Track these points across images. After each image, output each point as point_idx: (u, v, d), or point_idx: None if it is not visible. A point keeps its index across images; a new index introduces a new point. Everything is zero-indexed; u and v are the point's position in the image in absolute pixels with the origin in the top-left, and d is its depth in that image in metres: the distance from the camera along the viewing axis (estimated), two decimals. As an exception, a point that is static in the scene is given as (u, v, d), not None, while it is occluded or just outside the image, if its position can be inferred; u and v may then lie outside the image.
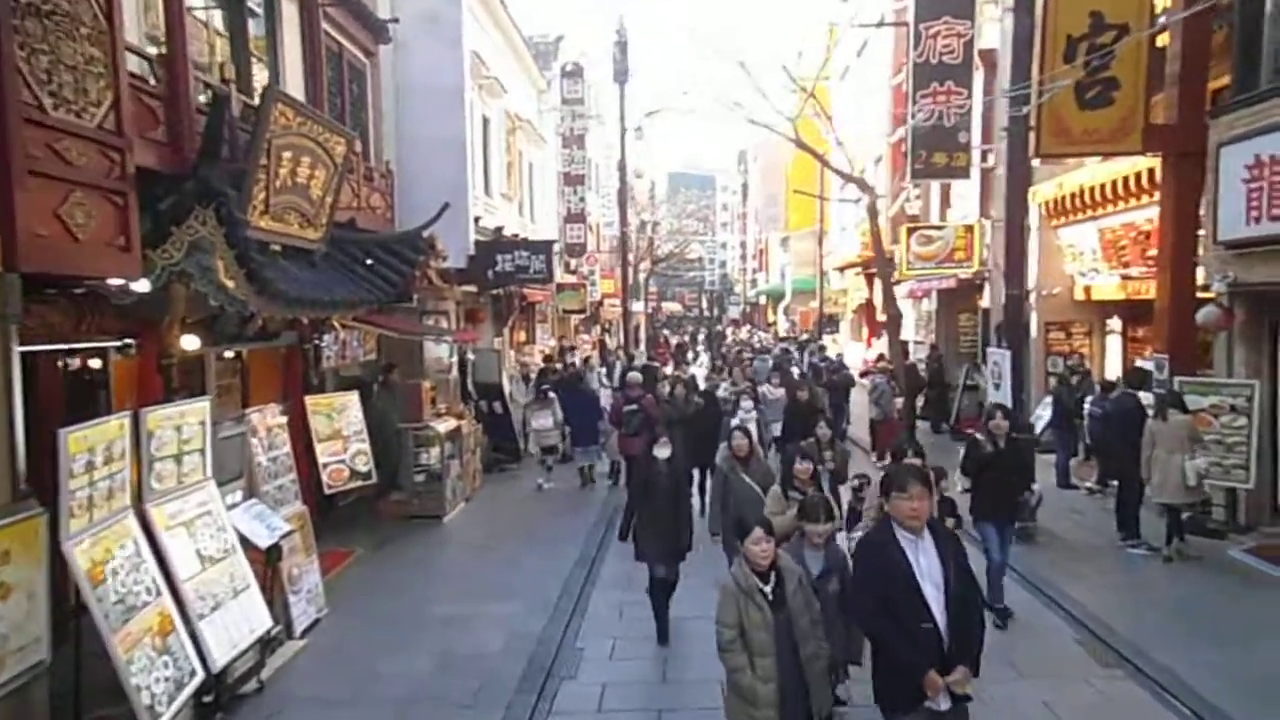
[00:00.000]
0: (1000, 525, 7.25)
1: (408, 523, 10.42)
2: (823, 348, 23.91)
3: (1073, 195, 13.57)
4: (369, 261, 9.60)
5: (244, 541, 6.27)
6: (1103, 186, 12.60)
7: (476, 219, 14.47)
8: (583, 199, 23.82)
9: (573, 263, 26.81)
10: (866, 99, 22.72)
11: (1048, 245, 15.01)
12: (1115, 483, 11.09)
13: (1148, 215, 11.88)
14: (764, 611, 4.13)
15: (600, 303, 33.38)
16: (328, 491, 9.38)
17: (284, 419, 7.66)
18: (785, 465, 6.58)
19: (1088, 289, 14.28)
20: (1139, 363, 11.88)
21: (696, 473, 10.27)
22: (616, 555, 9.20)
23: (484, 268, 14.12)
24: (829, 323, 35.33)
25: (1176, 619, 7.17)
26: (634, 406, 11.12)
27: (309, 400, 9.48)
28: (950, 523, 6.15)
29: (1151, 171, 11.19)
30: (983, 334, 16.18)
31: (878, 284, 23.83)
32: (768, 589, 4.21)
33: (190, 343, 6.99)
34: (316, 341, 9.94)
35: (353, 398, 9.98)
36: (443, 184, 13.48)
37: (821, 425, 8.09)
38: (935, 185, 18.77)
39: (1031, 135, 9.98)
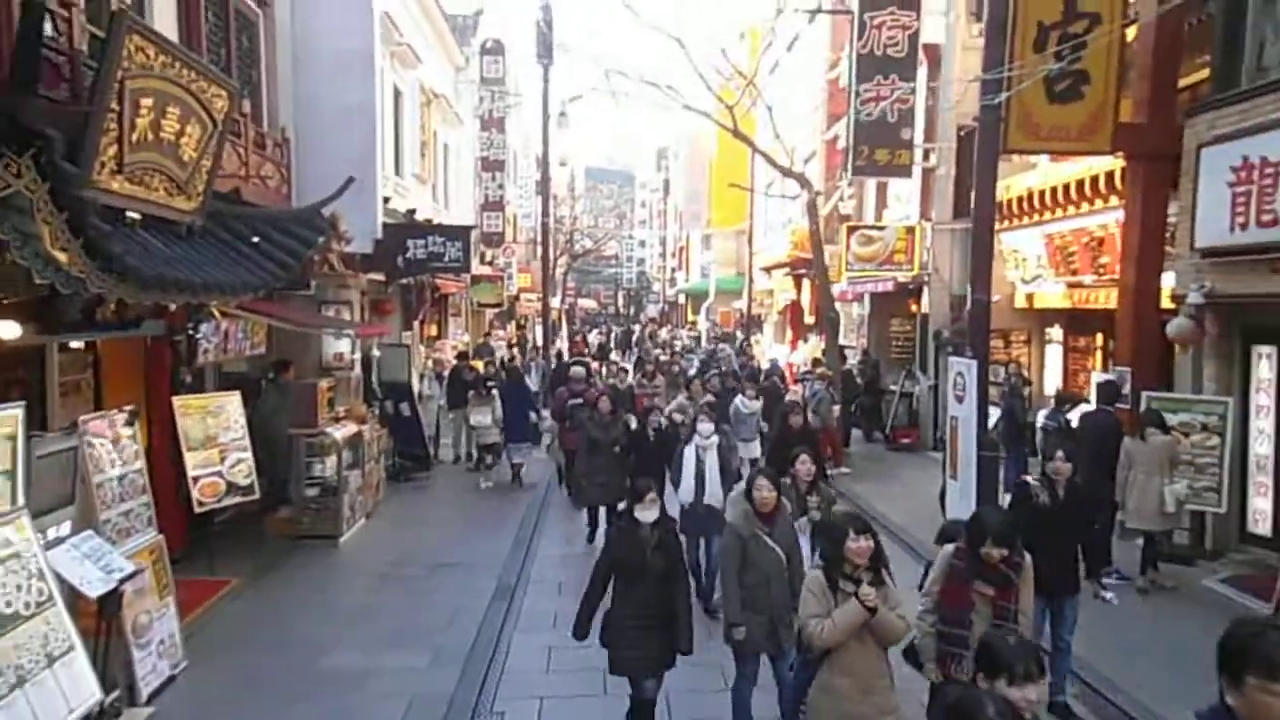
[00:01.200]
0: (1063, 600, 5.67)
1: (297, 545, 9.00)
2: (744, 349, 23.05)
3: (1020, 199, 13.05)
4: (255, 240, 8.15)
5: (70, 588, 4.86)
6: (1054, 190, 12.08)
7: (385, 200, 13.03)
8: (501, 186, 22.46)
9: (489, 254, 25.38)
10: (798, 94, 22.05)
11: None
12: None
13: (1101, 221, 11.40)
14: None
15: (517, 297, 31.98)
16: (198, 510, 7.94)
17: (134, 427, 6.18)
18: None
19: (1030, 296, 13.83)
20: (1099, 376, 11.37)
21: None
22: (540, 587, 8.04)
23: (393, 254, 12.70)
24: (750, 322, 34.81)
25: (1170, 666, 6.46)
26: (578, 400, 10.73)
27: (178, 401, 8.02)
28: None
29: (1110, 175, 10.67)
30: (920, 339, 15.63)
31: (806, 285, 23.26)
32: None
33: (8, 330, 5.51)
34: (190, 332, 8.41)
35: (232, 399, 8.54)
36: (347, 159, 11.99)
37: (803, 459, 6.14)
38: (871, 185, 18.19)
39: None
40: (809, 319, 23.53)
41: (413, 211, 14.52)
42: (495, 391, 12.42)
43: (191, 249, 7.55)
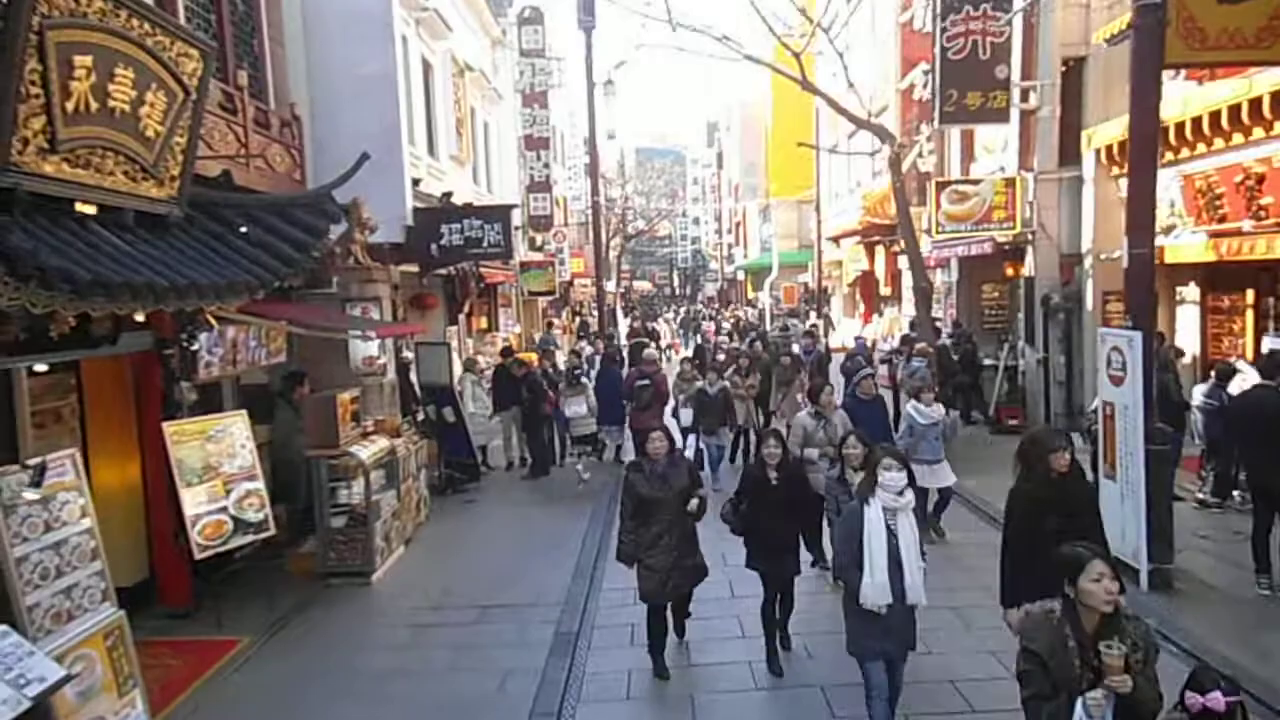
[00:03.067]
0: None
1: (323, 586, 7.72)
2: (811, 332, 19.83)
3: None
4: (244, 230, 6.81)
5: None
6: (1196, 121, 10.12)
7: (416, 182, 11.66)
8: (547, 166, 21.00)
9: (539, 238, 24.04)
10: (862, 43, 20.06)
11: (1105, 200, 12.54)
12: (1240, 496, 8.77)
13: (1263, 153, 9.43)
14: None
15: (570, 283, 30.65)
16: (199, 556, 6.68)
17: (76, 474, 4.85)
18: None
19: (1160, 251, 11.80)
20: (1274, 341, 9.44)
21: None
22: (608, 635, 6.60)
23: (426, 241, 11.33)
24: (811, 299, 32.80)
25: None
26: (645, 381, 11.47)
27: (169, 428, 6.76)
28: None
29: (1277, 95, 8.71)
30: (1026, 307, 13.72)
31: (880, 253, 21.38)
32: None
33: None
34: (185, 344, 7.13)
35: (236, 420, 7.26)
36: (369, 138, 10.61)
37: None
38: (955, 136, 16.23)
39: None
40: (885, 290, 21.68)
41: (449, 195, 13.14)
42: (585, 380, 12.44)
43: (168, 246, 6.24)
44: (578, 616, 6.88)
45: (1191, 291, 12.14)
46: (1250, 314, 11.24)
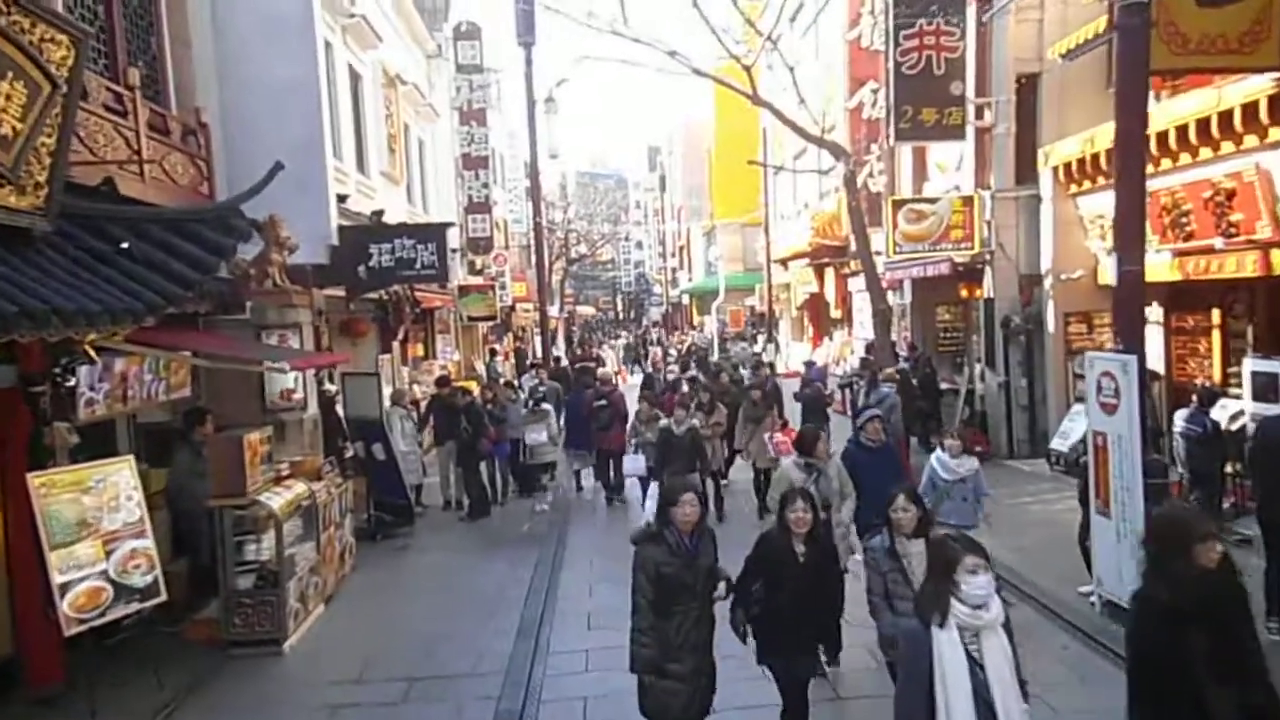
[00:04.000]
0: None
1: (225, 659, 6.68)
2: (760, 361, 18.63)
3: (1108, 152, 10.74)
4: (124, 246, 5.85)
5: None
6: (1161, 136, 9.76)
7: (342, 199, 10.74)
8: (486, 185, 20.15)
9: (478, 261, 23.10)
10: (809, 63, 19.74)
11: (1063, 219, 12.26)
12: (1248, 533, 8.28)
13: (1233, 168, 9.10)
14: None
15: (512, 308, 29.68)
16: (69, 631, 5.64)
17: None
18: None
19: (1122, 270, 11.49)
20: (1251, 364, 9.05)
21: None
22: (558, 710, 5.73)
23: (353, 263, 10.40)
24: (759, 322, 32.42)
25: None
26: (603, 402, 11.68)
27: (35, 480, 5.72)
28: None
29: (1252, 106, 8.38)
30: (986, 329, 13.30)
31: (830, 276, 21.00)
32: None
33: None
34: (60, 379, 6.10)
35: (122, 467, 6.26)
36: (290, 150, 9.67)
37: (903, 503, 4.51)
38: (906, 155, 15.88)
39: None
40: (835, 313, 21.28)
41: (380, 214, 12.22)
42: (547, 406, 12.27)
43: (30, 264, 5.26)
44: (521, 690, 5.99)
45: (1155, 312, 11.81)
46: (1217, 335, 10.94)
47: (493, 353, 25.66)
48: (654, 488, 8.49)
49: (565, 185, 47.82)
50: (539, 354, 27.11)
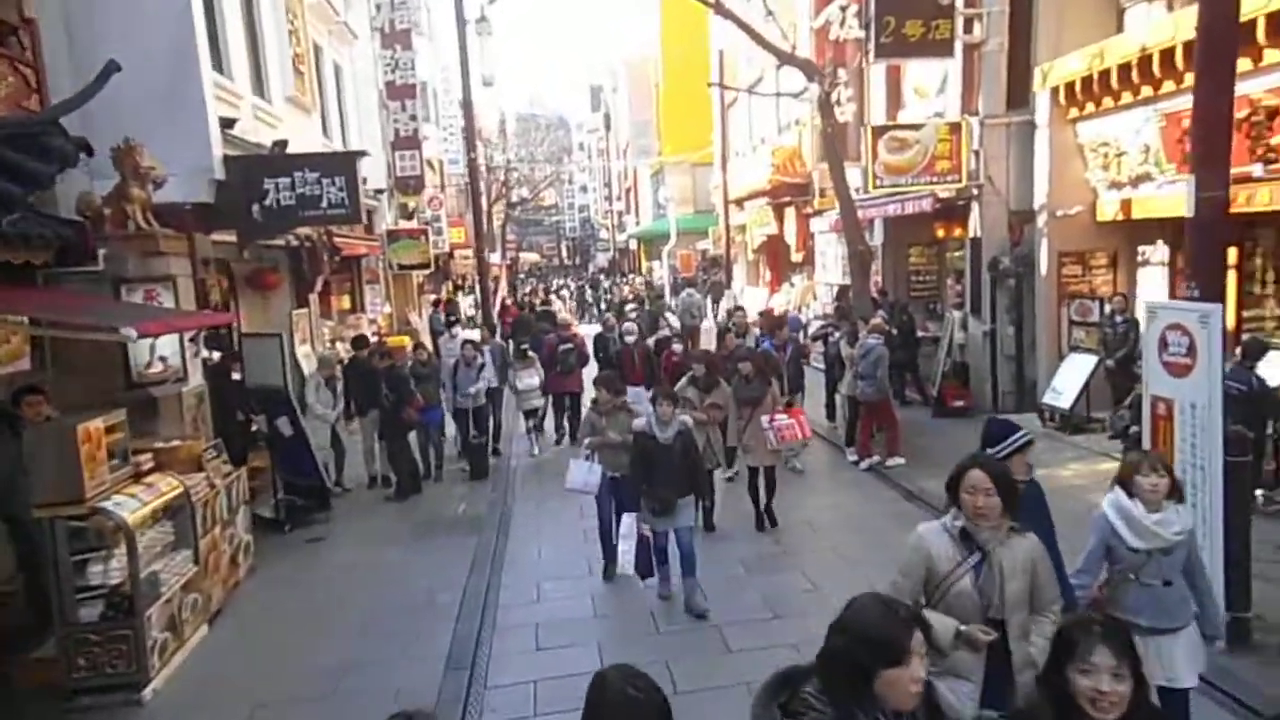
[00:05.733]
0: None
1: (63, 711, 5.17)
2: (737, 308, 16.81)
3: (1121, 68, 9.46)
4: None
5: None
6: (1189, 46, 8.49)
7: (229, 123, 8.91)
8: (414, 117, 18.17)
9: (410, 203, 21.16)
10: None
11: (1061, 147, 10.98)
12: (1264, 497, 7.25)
13: (1273, 83, 7.88)
14: None
15: (450, 255, 27.78)
16: None
17: None
18: None
19: (1126, 204, 10.31)
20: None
21: None
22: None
23: (246, 201, 8.65)
24: (712, 267, 30.97)
25: None
26: (568, 345, 11.53)
27: None
28: None
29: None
30: (972, 272, 12.08)
31: (790, 216, 19.60)
32: None
33: None
34: None
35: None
36: (154, 63, 7.96)
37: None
38: (880, 78, 14.44)
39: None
40: (796, 256, 19.94)
41: (283, 144, 10.39)
42: (533, 354, 11.65)
43: None
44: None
45: (1158, 251, 10.72)
46: (1232, 276, 9.84)
47: (436, 304, 23.86)
48: (629, 523, 6.36)
49: (504, 125, 45.31)
50: (474, 306, 25.35)
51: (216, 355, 7.81)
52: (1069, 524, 3.53)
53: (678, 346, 10.83)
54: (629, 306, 17.24)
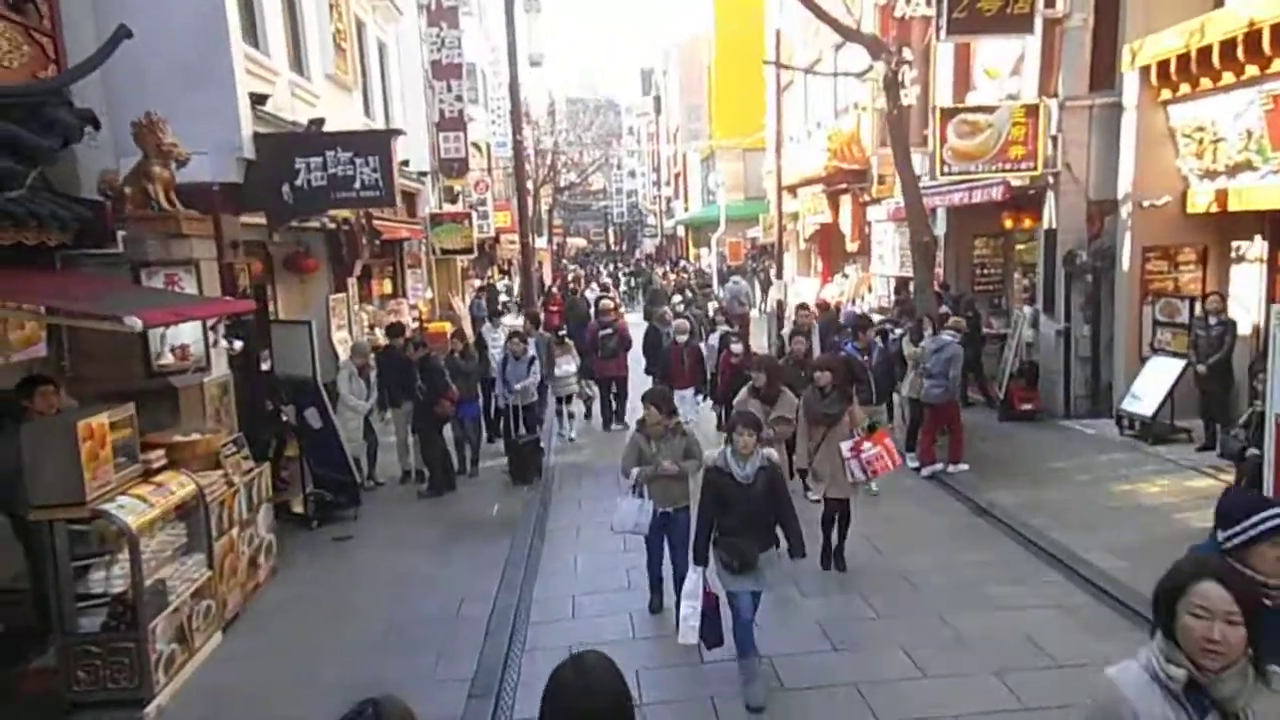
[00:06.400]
0: None
1: (62, 727, 4.83)
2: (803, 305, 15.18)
3: (1225, 45, 8.59)
4: None
5: None
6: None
7: (261, 99, 8.49)
8: (460, 98, 17.76)
9: (455, 187, 20.80)
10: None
11: (1150, 133, 10.12)
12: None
13: None
14: None
15: (496, 239, 27.44)
16: None
17: None
18: None
19: (1222, 195, 9.42)
20: None
21: None
22: None
23: (276, 182, 8.25)
24: (761, 255, 30.16)
25: None
26: (609, 330, 11.73)
27: None
28: None
29: None
30: (1046, 266, 11.27)
31: (846, 203, 18.80)
32: None
33: None
34: None
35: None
36: (181, 34, 7.59)
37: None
38: (945, 60, 13.59)
39: None
40: (851, 245, 19.13)
41: (320, 122, 10.00)
42: (570, 340, 11.86)
43: None
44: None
45: (1255, 247, 9.79)
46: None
47: (481, 289, 23.51)
48: (694, 581, 5.08)
49: (554, 109, 44.81)
50: (516, 292, 24.89)
51: (238, 345, 7.40)
52: (1166, 549, 2.78)
53: (737, 348, 9.76)
54: (675, 299, 16.57)
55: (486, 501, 8.95)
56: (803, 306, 12.83)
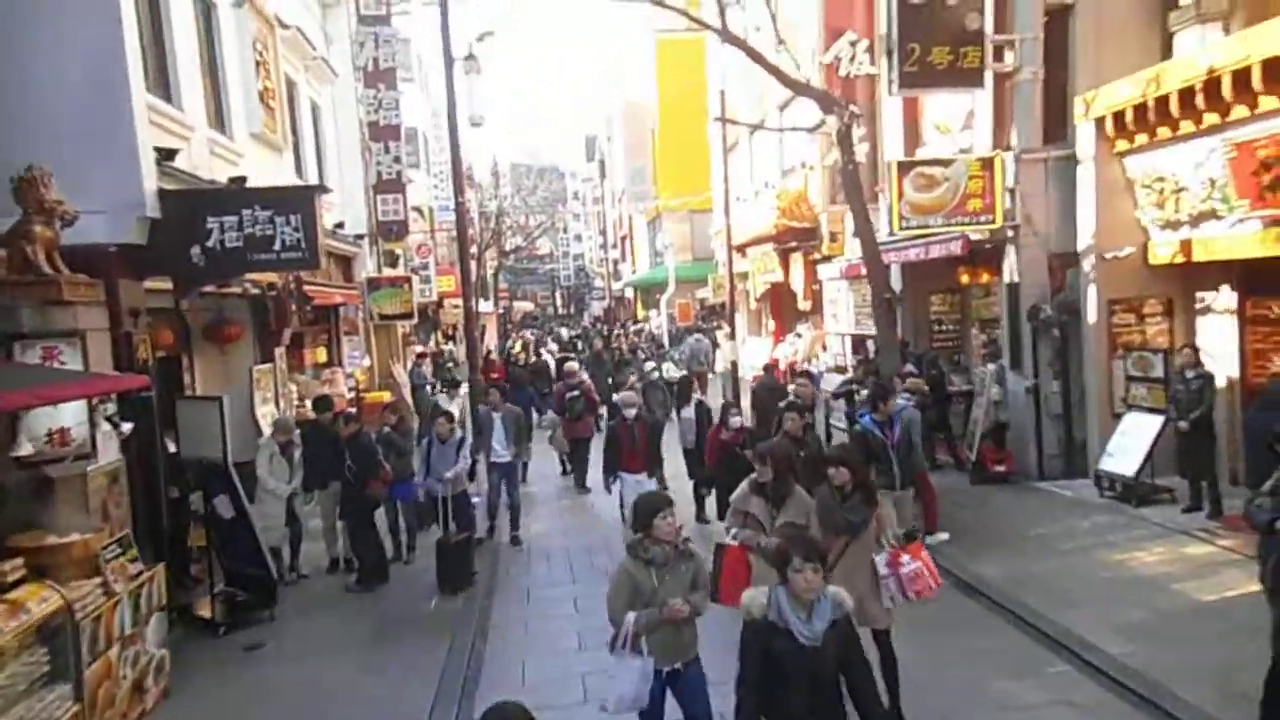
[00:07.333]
0: None
1: None
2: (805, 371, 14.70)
3: (1183, 93, 8.40)
4: None
5: None
6: (1268, 65, 7.42)
7: (169, 154, 7.71)
8: (398, 159, 17.12)
9: (396, 251, 20.05)
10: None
11: (1108, 183, 9.91)
12: None
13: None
14: None
15: (439, 304, 26.64)
16: None
17: None
18: None
19: (1185, 245, 9.17)
20: None
21: None
22: None
23: (185, 243, 7.43)
24: (710, 316, 29.85)
25: None
26: (575, 392, 12.03)
27: None
28: None
29: None
30: (1010, 321, 10.89)
31: (797, 262, 18.51)
32: None
33: None
34: None
35: None
36: (78, 82, 6.83)
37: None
38: (895, 113, 13.41)
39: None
40: (803, 304, 18.79)
41: (241, 180, 9.25)
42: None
43: None
44: None
45: (1223, 298, 9.52)
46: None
47: (421, 356, 22.54)
48: None
49: (497, 171, 44.50)
50: (458, 357, 24.02)
51: (126, 428, 6.48)
52: (1175, 627, 2.12)
53: (736, 421, 8.28)
54: (649, 366, 15.93)
55: (423, 592, 8.01)
56: (804, 374, 11.80)
